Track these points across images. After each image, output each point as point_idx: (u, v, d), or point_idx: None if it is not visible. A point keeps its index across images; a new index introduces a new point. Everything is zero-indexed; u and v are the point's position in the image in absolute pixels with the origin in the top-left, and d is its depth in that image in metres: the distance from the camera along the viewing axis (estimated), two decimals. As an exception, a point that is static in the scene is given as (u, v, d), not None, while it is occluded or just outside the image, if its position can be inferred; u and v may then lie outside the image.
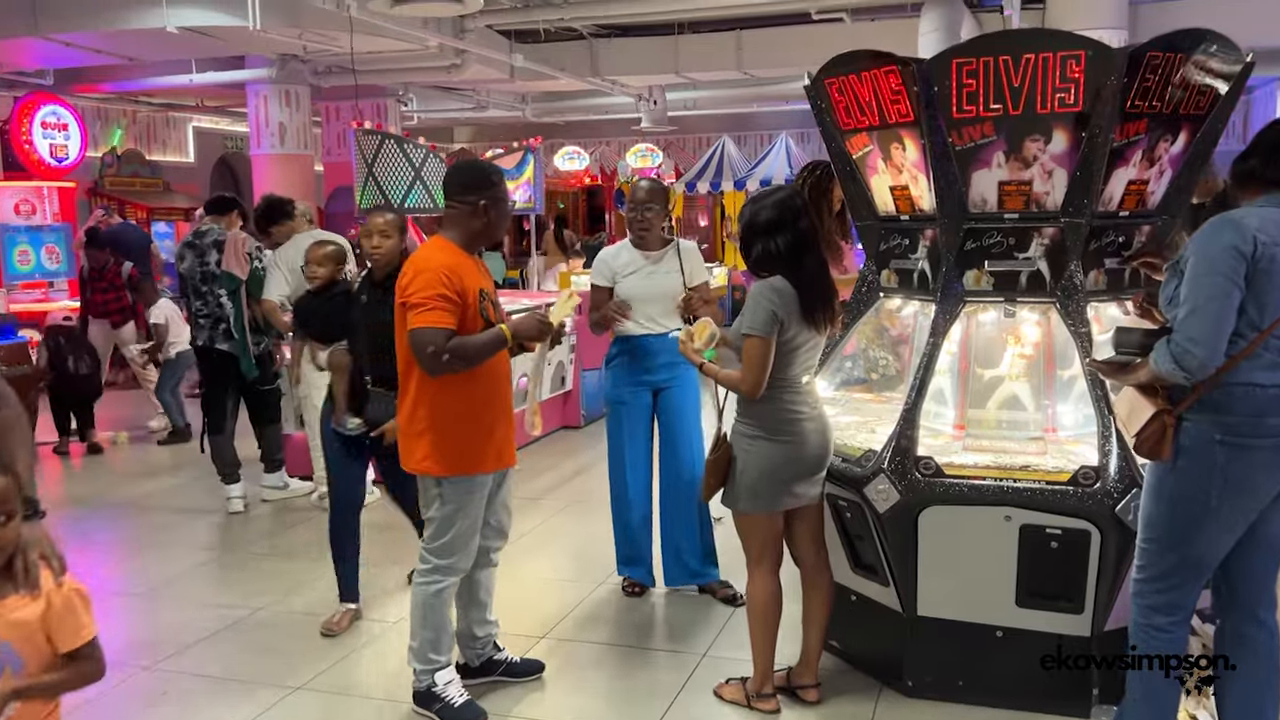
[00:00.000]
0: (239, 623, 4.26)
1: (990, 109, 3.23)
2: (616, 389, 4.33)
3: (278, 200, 6.02)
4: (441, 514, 3.29)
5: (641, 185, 4.31)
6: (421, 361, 3.15)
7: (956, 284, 3.44)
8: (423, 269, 3.16)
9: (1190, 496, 2.67)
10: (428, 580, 3.33)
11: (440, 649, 3.36)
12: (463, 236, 3.31)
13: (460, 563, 3.35)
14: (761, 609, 3.32)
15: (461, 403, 3.24)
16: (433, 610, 3.33)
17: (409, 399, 3.28)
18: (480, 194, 3.28)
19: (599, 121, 16.40)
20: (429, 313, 3.10)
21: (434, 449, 3.23)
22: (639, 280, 4.21)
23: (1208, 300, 2.56)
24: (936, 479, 3.23)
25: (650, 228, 4.21)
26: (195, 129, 14.77)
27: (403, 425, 3.31)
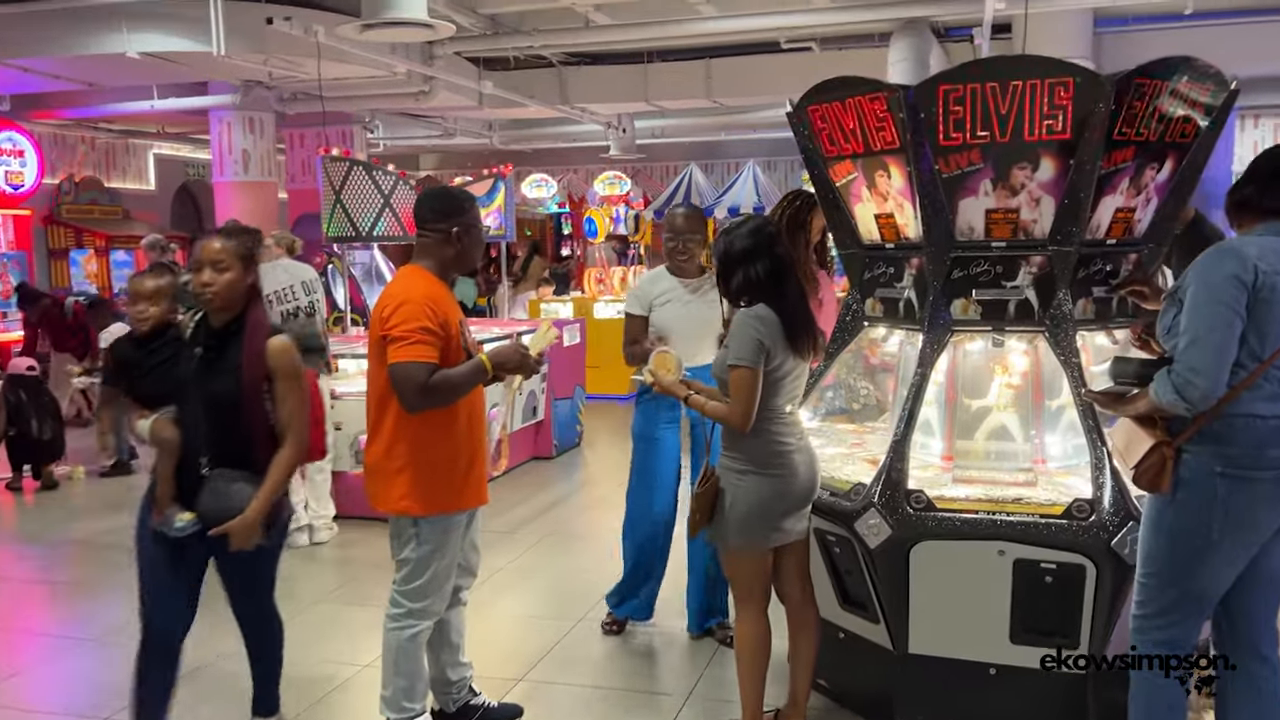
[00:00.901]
0: (200, 670, 4.07)
1: (977, 136, 3.18)
2: (649, 424, 4.14)
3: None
4: (418, 555, 3.15)
5: (679, 212, 4.14)
6: (404, 398, 3.02)
7: (944, 313, 3.38)
8: (405, 299, 3.03)
9: (1191, 530, 2.61)
10: (401, 625, 3.19)
11: (415, 696, 3.22)
12: (437, 265, 3.20)
13: (435, 605, 3.21)
14: (751, 650, 3.22)
15: (441, 438, 3.12)
16: (406, 656, 3.18)
17: (384, 436, 3.14)
18: (452, 220, 3.18)
19: (567, 149, 16.38)
20: (412, 346, 2.97)
21: (413, 487, 3.10)
22: (677, 309, 4.04)
23: (1209, 330, 2.51)
24: (928, 513, 3.15)
25: (692, 256, 4.07)
26: (156, 156, 14.55)
27: (376, 464, 3.18)
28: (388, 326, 3.02)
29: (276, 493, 3.01)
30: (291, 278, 5.71)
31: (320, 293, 5.81)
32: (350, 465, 6.07)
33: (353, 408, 6.02)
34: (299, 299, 5.68)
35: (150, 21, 7.74)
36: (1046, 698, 3.18)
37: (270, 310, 5.52)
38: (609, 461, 8.03)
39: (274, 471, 3.00)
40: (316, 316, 5.75)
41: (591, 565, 5.15)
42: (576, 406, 8.25)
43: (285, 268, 5.75)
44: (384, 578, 5.06)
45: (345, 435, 6.03)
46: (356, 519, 6.11)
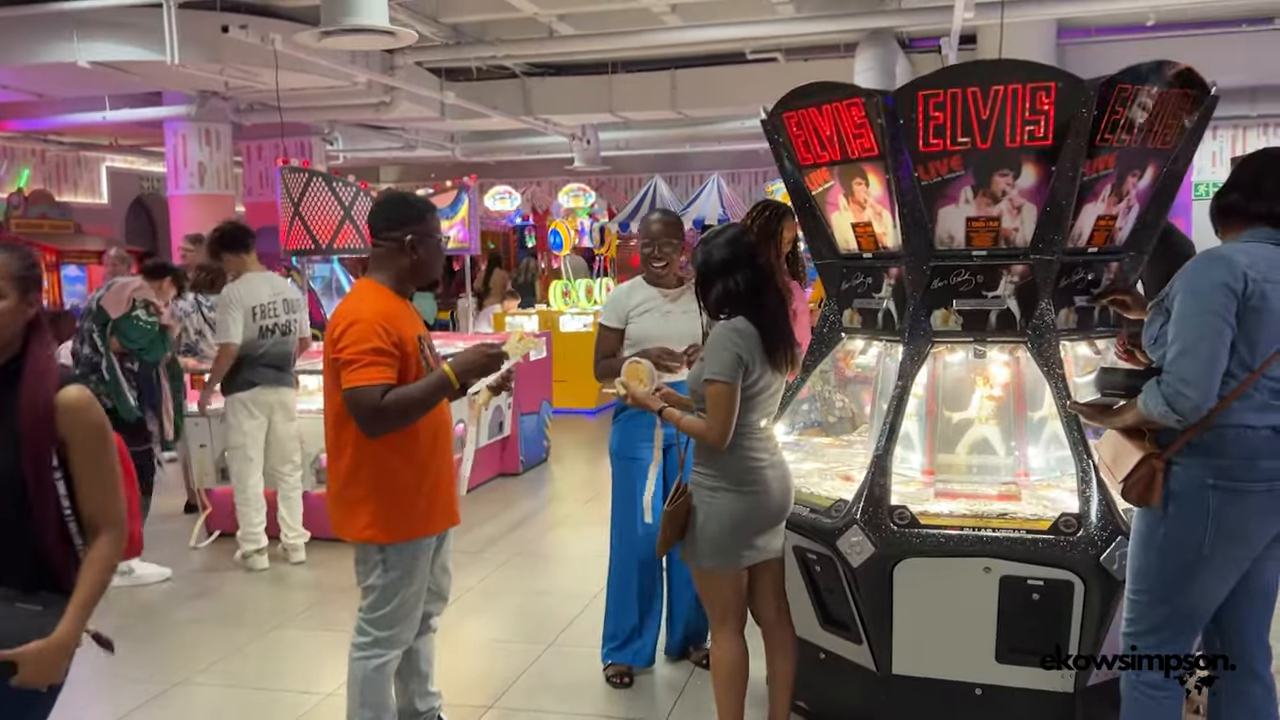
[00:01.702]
0: (154, 700, 3.89)
1: (958, 142, 3.11)
2: (628, 444, 3.90)
3: (242, 229, 5.68)
4: (385, 582, 2.99)
5: (655, 219, 3.93)
6: (361, 424, 2.85)
7: (924, 323, 3.30)
8: (355, 319, 2.86)
9: (1182, 544, 2.53)
10: (367, 654, 3.03)
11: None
12: (392, 277, 3.02)
13: (403, 634, 3.05)
14: (728, 673, 3.10)
15: (405, 462, 2.96)
16: (373, 687, 3.03)
17: (344, 462, 2.98)
18: (406, 229, 3.00)
19: (530, 161, 16.27)
20: (364, 370, 2.81)
21: (377, 515, 2.95)
22: (655, 320, 3.85)
23: (1199, 340, 2.44)
24: (912, 529, 3.06)
25: (670, 264, 3.88)
26: (109, 169, 14.25)
27: (339, 491, 3.02)
28: (338, 349, 2.85)
29: (92, 608, 2.17)
30: (275, 293, 5.52)
31: (301, 314, 5.64)
32: (312, 485, 5.89)
33: (312, 425, 5.84)
34: (278, 316, 5.49)
35: (101, 29, 7.54)
36: (1033, 717, 3.10)
37: (249, 324, 5.35)
38: (576, 477, 7.90)
39: (88, 579, 2.15)
40: (292, 337, 5.56)
41: (561, 586, 5.02)
42: (543, 421, 8.12)
43: (270, 281, 5.57)
44: (350, 601, 4.87)
45: (307, 454, 5.84)
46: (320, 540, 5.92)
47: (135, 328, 5.29)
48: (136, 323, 5.30)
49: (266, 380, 5.43)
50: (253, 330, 5.40)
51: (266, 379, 5.44)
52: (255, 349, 5.43)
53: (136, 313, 5.30)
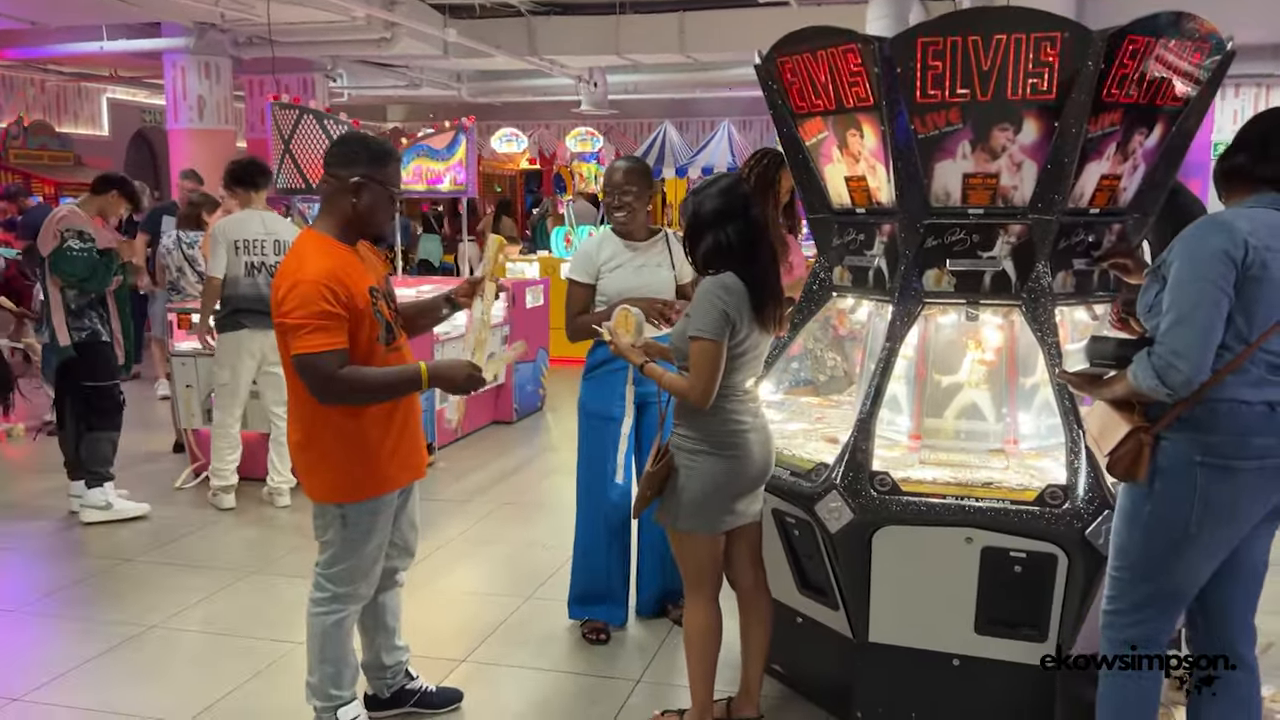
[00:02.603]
0: (127, 643, 3.86)
1: (957, 94, 2.96)
2: (597, 402, 3.80)
3: (254, 167, 5.53)
4: (342, 538, 2.91)
5: (618, 166, 3.74)
6: (314, 392, 2.74)
7: (915, 283, 3.18)
8: (298, 279, 2.70)
9: (1168, 522, 2.43)
10: (326, 610, 2.96)
11: (342, 684, 3.01)
12: (335, 224, 2.85)
13: (362, 590, 2.99)
14: (700, 639, 3.03)
15: (362, 420, 2.85)
16: (333, 642, 2.97)
17: (301, 423, 2.88)
18: (353, 169, 2.80)
19: (537, 103, 16.02)
20: (312, 335, 2.68)
21: (336, 475, 2.87)
22: (626, 275, 3.69)
23: (1194, 309, 2.32)
24: (892, 496, 2.97)
25: (633, 213, 3.69)
26: (110, 100, 14.06)
27: (297, 452, 2.94)
28: (283, 313, 2.71)
29: None
30: (266, 231, 5.41)
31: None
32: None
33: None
34: (266, 255, 5.38)
35: (93, -45, 7.34)
36: (1011, 690, 3.03)
37: (232, 258, 5.25)
38: (571, 426, 7.75)
39: None
40: None
41: (548, 537, 4.96)
42: (539, 370, 8.03)
43: (264, 219, 5.45)
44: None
45: (290, 397, 5.77)
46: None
47: (68, 259, 5.03)
48: (69, 254, 5.03)
49: (257, 323, 5.34)
50: (237, 266, 5.30)
51: (257, 322, 5.34)
52: (241, 286, 5.33)
53: (68, 244, 5.04)
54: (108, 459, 5.34)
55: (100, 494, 5.28)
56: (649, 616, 4.02)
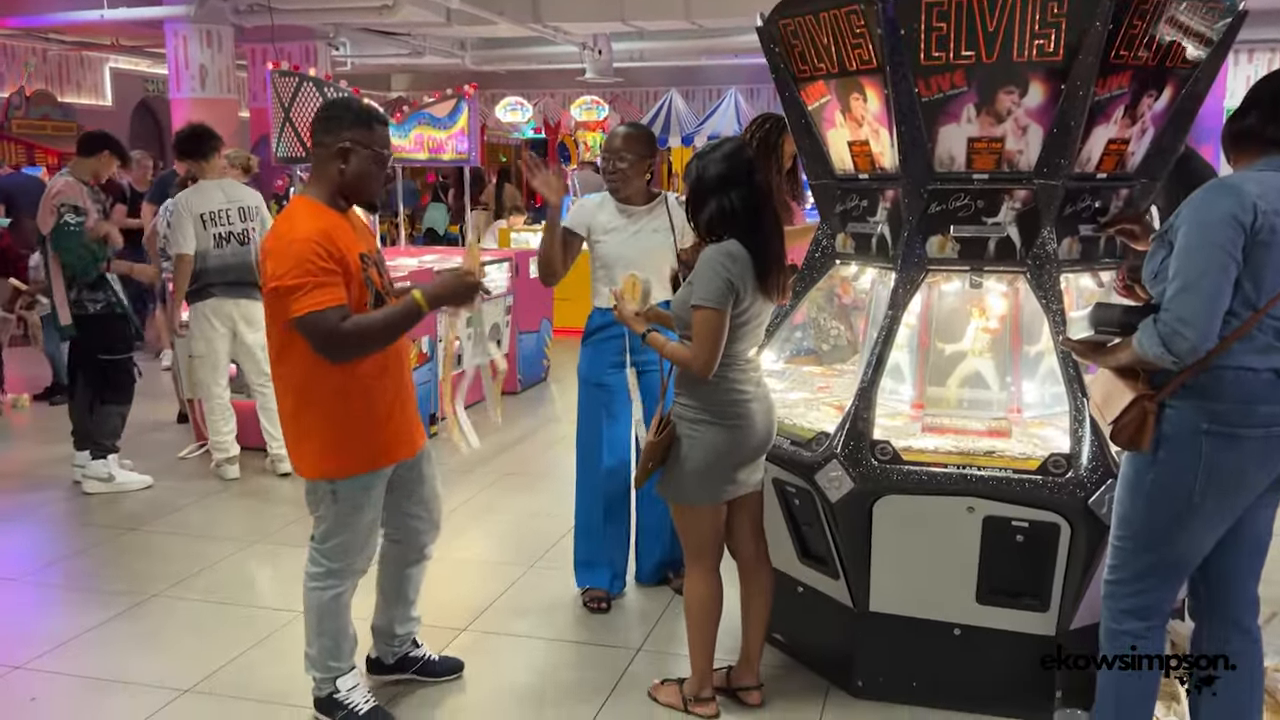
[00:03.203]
0: (129, 612, 3.87)
1: (962, 56, 2.90)
2: (595, 369, 3.76)
3: (201, 134, 5.45)
4: (335, 513, 2.88)
5: (617, 131, 3.68)
6: (322, 352, 2.69)
7: (919, 250, 3.13)
8: (288, 240, 2.66)
9: (1171, 491, 2.40)
10: (322, 585, 2.93)
11: (341, 656, 3.00)
12: (325, 190, 2.80)
13: (358, 564, 2.97)
14: (700, 609, 3.02)
15: (352, 393, 2.80)
16: (330, 616, 2.95)
17: (289, 396, 2.84)
18: (339, 134, 2.76)
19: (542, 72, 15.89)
20: (311, 294, 2.62)
21: (325, 450, 2.83)
22: (622, 241, 3.63)
23: (1201, 276, 2.27)
24: (893, 465, 2.94)
25: (626, 181, 3.63)
26: (112, 70, 13.98)
27: (285, 426, 2.90)
28: (276, 277, 2.66)
29: None
30: (229, 200, 5.36)
31: (260, 220, 5.44)
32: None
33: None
34: (233, 224, 5.33)
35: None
36: (1012, 660, 3.02)
37: (200, 232, 5.21)
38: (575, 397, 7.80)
39: None
40: (250, 246, 5.37)
41: (550, 507, 4.95)
42: (543, 340, 8.00)
43: (224, 188, 5.40)
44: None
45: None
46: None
47: (65, 235, 4.97)
48: (66, 230, 4.98)
49: (226, 292, 5.31)
50: (205, 239, 5.25)
51: (225, 290, 5.31)
52: (211, 259, 5.28)
53: (64, 220, 4.98)
54: (116, 432, 5.35)
55: (103, 465, 5.28)
56: (650, 584, 4.01)
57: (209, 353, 5.38)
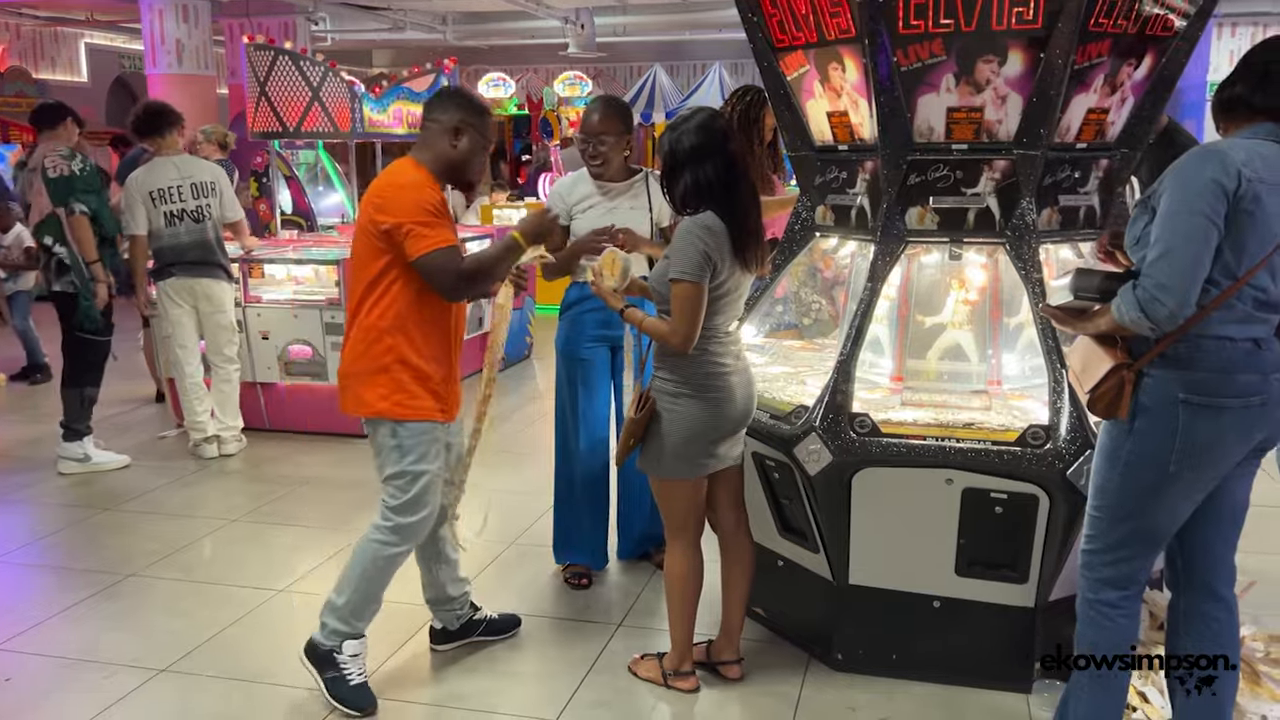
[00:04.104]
0: (105, 591, 3.83)
1: (940, 24, 2.87)
2: (571, 344, 3.72)
3: (156, 112, 5.35)
4: (403, 466, 2.95)
5: (593, 110, 3.58)
6: (445, 287, 2.84)
7: (898, 222, 3.11)
8: (398, 187, 2.82)
9: (1148, 460, 2.39)
10: (384, 540, 2.99)
11: (363, 616, 3.04)
12: (431, 160, 2.94)
13: (424, 525, 3.03)
14: (681, 584, 3.01)
15: (428, 344, 2.93)
16: (377, 575, 3.00)
17: (366, 333, 2.90)
18: (459, 114, 2.93)
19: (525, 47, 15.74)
20: (434, 231, 2.78)
21: (394, 389, 2.90)
22: (598, 216, 3.57)
23: (1184, 242, 2.25)
24: (872, 438, 2.93)
25: (607, 161, 3.56)
26: (88, 45, 13.77)
27: (354, 362, 2.95)
28: (390, 215, 2.79)
29: None
30: (181, 176, 5.23)
31: (217, 197, 5.34)
32: (278, 376, 5.77)
33: (279, 315, 5.70)
34: (184, 201, 5.22)
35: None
36: (991, 632, 3.02)
37: (151, 211, 5.13)
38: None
39: None
40: (207, 224, 5.28)
41: (530, 485, 4.93)
42: (526, 318, 7.95)
43: (177, 164, 5.28)
44: (303, 495, 4.87)
45: (271, 345, 5.71)
46: (280, 433, 5.85)
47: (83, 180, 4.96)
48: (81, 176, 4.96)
49: (186, 271, 5.23)
50: (157, 218, 5.16)
51: (186, 270, 5.24)
52: (164, 239, 5.19)
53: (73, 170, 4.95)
54: (87, 415, 5.28)
55: (77, 447, 5.23)
56: (631, 560, 3.99)
57: (176, 332, 5.32)
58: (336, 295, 5.59)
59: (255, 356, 5.74)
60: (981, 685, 3.05)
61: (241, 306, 5.68)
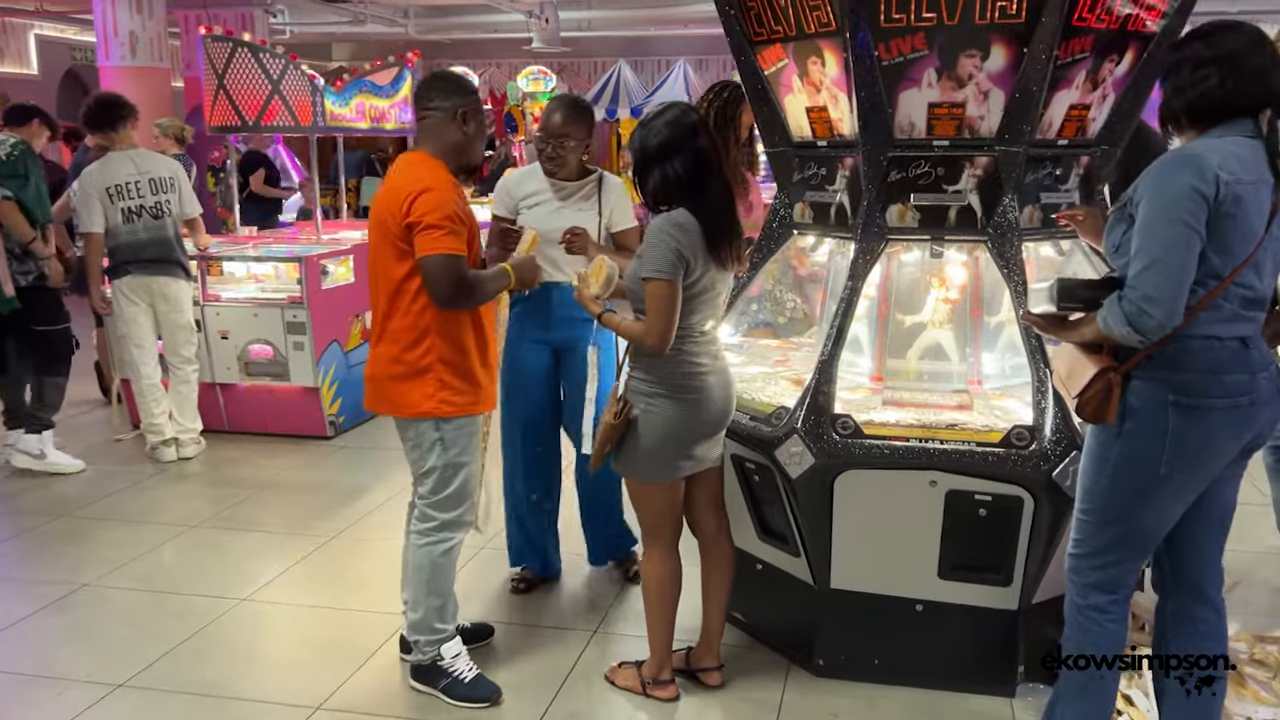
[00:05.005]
0: (58, 603, 3.68)
1: (923, 18, 2.82)
2: (511, 344, 3.56)
3: (108, 104, 5.17)
4: (445, 460, 2.92)
5: (555, 109, 3.41)
6: (439, 292, 2.78)
7: (878, 219, 3.05)
8: (429, 185, 2.77)
9: (1138, 463, 2.35)
10: (435, 539, 2.97)
11: (446, 617, 3.02)
12: (446, 151, 2.90)
13: (468, 515, 3.03)
14: (658, 589, 2.94)
15: (469, 334, 2.90)
16: (441, 573, 2.98)
17: (404, 333, 2.85)
18: (460, 99, 2.90)
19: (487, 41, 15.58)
20: (448, 237, 2.74)
21: (441, 387, 2.86)
22: (545, 214, 3.43)
23: (1166, 251, 2.20)
24: (855, 440, 2.87)
25: (564, 164, 3.43)
26: (38, 37, 13.40)
27: (393, 364, 2.88)
28: (416, 213, 2.74)
29: None
30: (138, 171, 5.08)
31: (177, 193, 5.18)
32: (238, 376, 5.61)
33: (238, 315, 5.55)
34: (143, 197, 5.06)
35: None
36: (975, 634, 2.98)
37: (108, 207, 4.98)
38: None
39: None
40: (166, 220, 5.13)
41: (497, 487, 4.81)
42: (492, 314, 7.83)
43: (134, 158, 5.11)
44: (265, 500, 4.73)
45: (231, 345, 5.55)
46: (240, 435, 5.69)
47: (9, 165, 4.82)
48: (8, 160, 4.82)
49: (143, 269, 5.08)
50: (115, 215, 5.00)
51: (142, 268, 5.08)
52: (121, 236, 5.03)
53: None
54: (55, 405, 5.15)
55: (36, 441, 5.07)
56: (599, 565, 3.90)
57: (132, 332, 5.15)
58: (299, 294, 5.45)
59: (214, 357, 5.58)
60: (965, 689, 3.00)
61: (200, 305, 5.51)
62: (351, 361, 5.78)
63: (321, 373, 5.53)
